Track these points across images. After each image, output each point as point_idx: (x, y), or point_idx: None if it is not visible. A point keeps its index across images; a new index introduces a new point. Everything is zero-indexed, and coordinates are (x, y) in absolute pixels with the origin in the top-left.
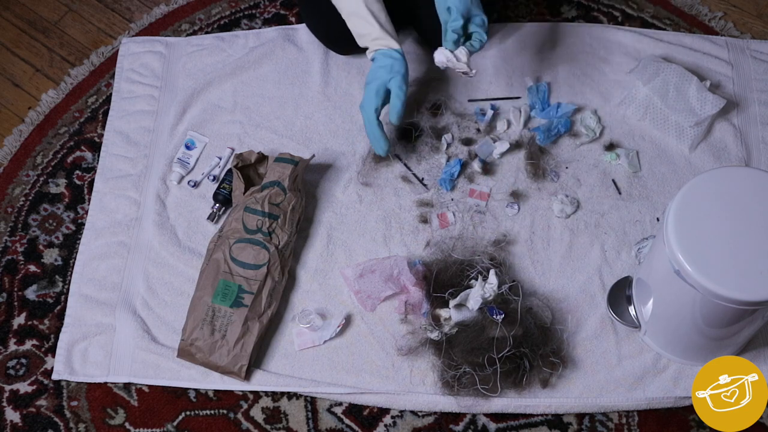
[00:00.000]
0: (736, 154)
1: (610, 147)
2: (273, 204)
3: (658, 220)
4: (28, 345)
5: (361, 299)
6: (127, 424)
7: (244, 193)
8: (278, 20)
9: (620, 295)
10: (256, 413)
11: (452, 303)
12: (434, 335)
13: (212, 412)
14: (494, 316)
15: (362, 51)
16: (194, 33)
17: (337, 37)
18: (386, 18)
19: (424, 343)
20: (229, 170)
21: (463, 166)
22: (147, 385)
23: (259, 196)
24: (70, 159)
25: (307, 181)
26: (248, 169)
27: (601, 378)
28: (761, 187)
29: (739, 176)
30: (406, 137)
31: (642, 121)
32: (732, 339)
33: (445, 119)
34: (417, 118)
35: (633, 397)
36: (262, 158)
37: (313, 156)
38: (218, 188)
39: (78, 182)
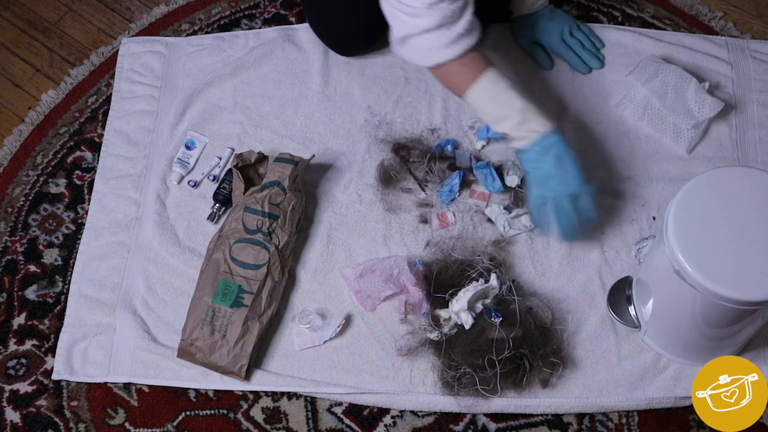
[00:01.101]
0: (734, 154)
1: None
2: (273, 204)
3: (654, 219)
4: (28, 345)
5: (361, 299)
6: (127, 424)
7: (244, 193)
8: (278, 20)
9: (620, 295)
10: (256, 413)
11: (457, 305)
12: (434, 335)
13: (212, 412)
14: (492, 319)
15: (363, 52)
16: (194, 33)
17: (342, 39)
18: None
19: (424, 344)
20: (229, 170)
21: (464, 179)
22: (147, 385)
23: (259, 196)
24: (70, 159)
25: (307, 180)
26: (248, 169)
27: (601, 378)
28: (761, 187)
29: (739, 176)
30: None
31: (640, 122)
32: (732, 339)
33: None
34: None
35: (633, 397)
36: (262, 158)
37: (313, 156)
38: (218, 188)
39: (78, 182)
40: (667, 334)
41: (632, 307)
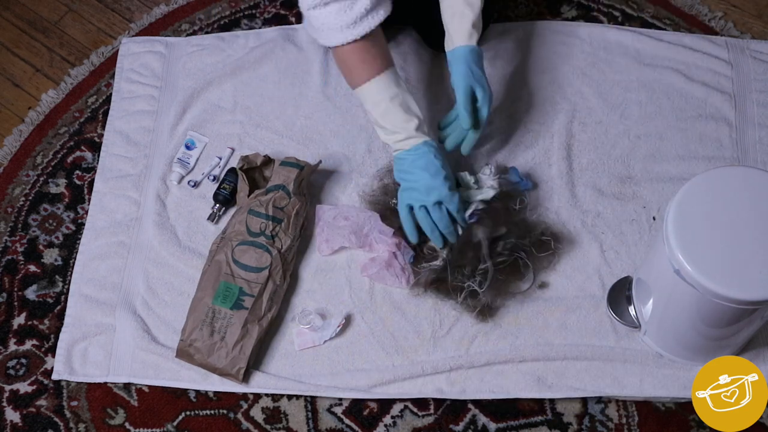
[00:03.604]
0: (734, 154)
1: None
2: (277, 207)
3: (654, 219)
4: (28, 345)
5: (319, 240)
6: (127, 424)
7: (248, 196)
8: (278, 20)
9: (620, 295)
10: (256, 413)
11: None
12: (439, 261)
13: (212, 412)
14: (470, 221)
15: None
16: (194, 33)
17: None
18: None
19: (431, 283)
20: (230, 170)
21: None
22: (147, 385)
23: (263, 199)
24: (70, 159)
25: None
26: (253, 171)
27: (600, 378)
28: (761, 187)
29: (739, 176)
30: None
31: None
32: (732, 339)
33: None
34: None
35: (633, 397)
36: (267, 161)
37: (320, 162)
38: (218, 188)
39: (78, 182)
40: (667, 334)
41: (632, 307)
